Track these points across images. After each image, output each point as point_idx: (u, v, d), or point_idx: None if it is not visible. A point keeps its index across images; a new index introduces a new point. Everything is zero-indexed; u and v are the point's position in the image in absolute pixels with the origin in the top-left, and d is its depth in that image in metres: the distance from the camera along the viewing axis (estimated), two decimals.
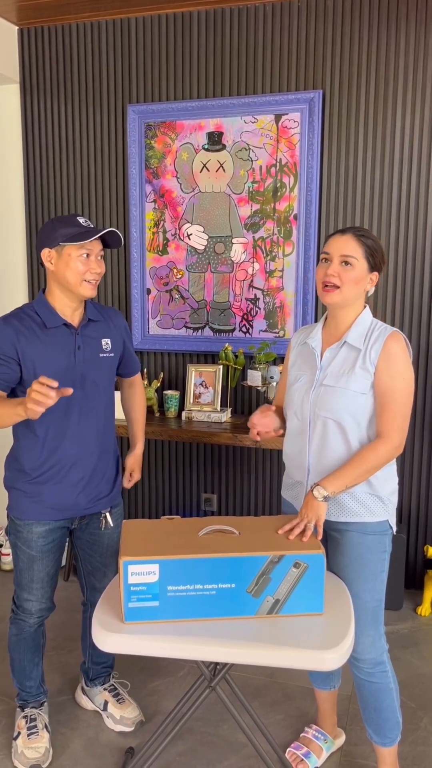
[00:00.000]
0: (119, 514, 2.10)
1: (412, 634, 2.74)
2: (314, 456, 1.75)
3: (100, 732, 2.17)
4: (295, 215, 2.97)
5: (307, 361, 1.81)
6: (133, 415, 2.22)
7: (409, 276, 2.89)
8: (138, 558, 1.47)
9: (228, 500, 3.28)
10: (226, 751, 2.08)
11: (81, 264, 1.82)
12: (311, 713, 2.24)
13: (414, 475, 3.01)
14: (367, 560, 1.73)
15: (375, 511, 1.72)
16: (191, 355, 3.23)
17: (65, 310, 1.89)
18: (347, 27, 2.81)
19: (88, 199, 3.26)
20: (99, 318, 1.97)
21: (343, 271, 1.68)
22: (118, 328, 2.03)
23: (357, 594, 1.74)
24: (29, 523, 1.92)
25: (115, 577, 1.75)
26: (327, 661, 1.41)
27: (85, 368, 1.91)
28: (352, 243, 1.68)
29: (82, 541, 2.08)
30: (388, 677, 1.79)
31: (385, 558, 1.76)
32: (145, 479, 3.37)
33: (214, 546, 1.52)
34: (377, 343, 1.69)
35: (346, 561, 1.74)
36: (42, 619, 2.05)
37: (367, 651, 1.76)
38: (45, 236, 1.84)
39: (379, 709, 1.80)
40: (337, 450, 1.71)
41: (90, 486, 1.96)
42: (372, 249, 1.70)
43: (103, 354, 1.96)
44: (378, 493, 1.73)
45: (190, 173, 3.08)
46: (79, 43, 3.16)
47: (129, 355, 2.12)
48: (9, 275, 3.44)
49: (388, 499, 1.75)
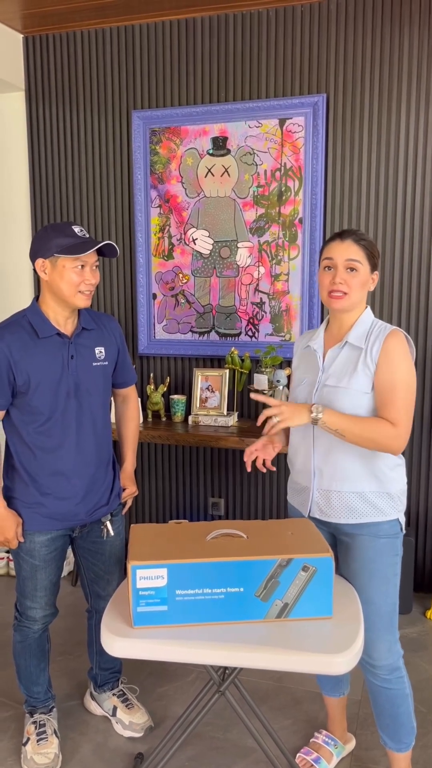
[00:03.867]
0: (119, 522, 2.09)
1: (421, 638, 2.73)
2: (320, 459, 1.74)
3: (109, 737, 2.17)
4: (300, 219, 2.97)
5: (310, 363, 1.81)
6: (125, 432, 2.18)
7: (415, 278, 2.89)
8: (146, 562, 1.47)
9: (235, 504, 3.27)
10: (236, 756, 2.07)
11: (76, 275, 1.79)
12: (320, 718, 2.23)
13: (422, 478, 3.00)
14: (379, 564, 1.71)
15: (385, 510, 1.71)
16: (197, 360, 3.24)
17: (58, 319, 1.86)
18: (351, 31, 2.82)
19: (94, 205, 3.27)
20: (93, 326, 1.94)
21: (349, 278, 1.69)
22: (112, 335, 2.00)
23: (371, 599, 1.72)
24: (31, 534, 1.91)
25: (123, 581, 1.75)
26: (336, 665, 1.40)
27: (79, 377, 1.88)
28: (354, 248, 1.69)
29: (84, 550, 2.07)
30: (404, 683, 1.78)
31: (397, 562, 1.75)
32: (153, 484, 3.37)
33: (223, 550, 1.52)
34: (378, 340, 1.69)
35: (358, 566, 1.73)
36: (46, 625, 2.04)
37: (384, 657, 1.74)
38: (39, 246, 1.80)
39: (395, 715, 1.79)
40: (344, 451, 1.71)
41: (89, 495, 1.95)
42: (370, 250, 1.72)
43: (97, 363, 1.93)
44: (388, 490, 1.71)
45: (195, 178, 3.09)
46: (84, 50, 3.18)
47: (124, 363, 2.07)
48: (15, 280, 3.45)
49: (398, 497, 1.74)
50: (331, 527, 1.79)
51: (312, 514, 1.78)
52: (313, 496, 1.77)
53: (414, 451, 3.00)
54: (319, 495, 1.76)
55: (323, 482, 1.74)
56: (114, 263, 3.27)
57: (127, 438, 2.18)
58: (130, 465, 2.17)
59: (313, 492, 1.76)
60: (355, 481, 1.71)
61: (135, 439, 2.19)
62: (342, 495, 1.72)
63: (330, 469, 1.73)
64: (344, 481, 1.71)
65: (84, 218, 3.29)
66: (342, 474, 1.71)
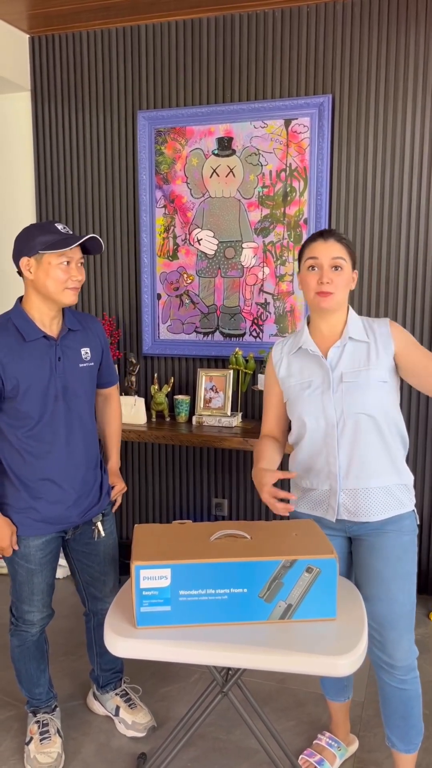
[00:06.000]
0: (110, 521, 2.08)
1: (425, 641, 2.72)
2: (346, 457, 1.73)
3: (111, 737, 2.17)
4: (305, 219, 2.97)
5: (310, 366, 1.78)
6: (108, 430, 2.18)
7: (420, 281, 2.88)
8: (150, 562, 1.46)
9: (239, 505, 3.27)
10: (239, 757, 2.07)
11: (61, 272, 1.78)
12: (323, 719, 2.23)
13: (426, 478, 2.99)
14: (404, 562, 1.72)
15: (405, 502, 1.75)
16: (201, 360, 3.23)
17: (44, 319, 1.85)
18: (357, 32, 2.81)
19: (99, 205, 3.27)
20: (78, 327, 1.93)
21: (335, 276, 1.71)
22: (97, 335, 1.99)
23: (395, 598, 1.71)
24: (25, 539, 1.90)
25: (126, 581, 1.75)
26: (340, 666, 1.40)
27: (66, 379, 1.88)
28: (337, 246, 1.71)
29: (78, 552, 2.06)
30: (418, 683, 1.77)
31: (415, 559, 1.76)
32: (156, 484, 3.37)
33: (226, 551, 1.52)
34: (381, 332, 1.74)
35: (383, 564, 1.72)
36: (44, 627, 2.04)
37: (404, 657, 1.72)
38: (23, 244, 1.78)
39: (407, 716, 1.78)
40: (374, 444, 1.71)
41: (81, 497, 1.95)
42: (351, 249, 1.75)
43: (83, 364, 1.92)
44: (405, 482, 1.76)
45: (200, 178, 3.09)
46: (90, 50, 3.18)
47: (107, 364, 2.07)
48: (20, 281, 3.45)
49: (411, 487, 1.79)
50: (352, 530, 1.78)
51: (340, 516, 1.76)
52: (339, 498, 1.75)
53: (419, 451, 2.99)
54: (345, 496, 1.74)
55: (349, 482, 1.73)
56: (118, 263, 3.28)
57: (111, 436, 2.19)
58: (115, 463, 2.18)
59: (339, 494, 1.74)
60: (381, 476, 1.72)
61: (118, 437, 2.20)
62: (369, 492, 1.72)
63: (356, 468, 1.72)
64: (371, 477, 1.72)
65: (89, 218, 3.30)
66: (368, 471, 1.72)
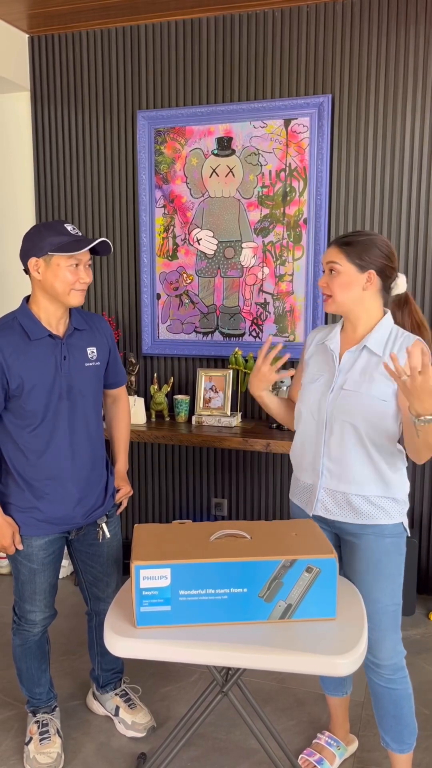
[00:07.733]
0: (115, 523, 2.08)
1: (424, 640, 2.72)
2: (329, 459, 1.74)
3: (111, 737, 2.17)
4: (304, 219, 2.97)
5: (326, 362, 1.81)
6: (116, 434, 2.17)
7: (420, 279, 2.88)
8: (150, 562, 1.47)
9: (238, 505, 3.27)
10: (239, 757, 2.07)
11: (70, 274, 1.77)
12: (323, 719, 2.23)
13: (426, 479, 2.99)
14: (385, 564, 1.72)
15: (391, 513, 1.72)
16: (201, 360, 3.23)
17: (50, 320, 1.85)
18: (356, 31, 2.81)
19: (98, 205, 3.27)
20: (84, 326, 1.93)
21: (330, 279, 1.73)
22: (103, 335, 1.98)
23: (377, 599, 1.72)
24: (28, 538, 1.90)
25: (126, 581, 1.75)
26: (340, 666, 1.40)
27: (72, 378, 1.87)
28: (334, 250, 1.73)
29: (81, 553, 2.06)
30: (407, 683, 1.78)
31: (402, 561, 1.75)
32: (156, 484, 3.37)
33: (226, 550, 1.52)
34: (401, 352, 1.68)
35: (364, 565, 1.73)
36: (46, 627, 2.04)
37: (389, 656, 1.74)
38: (32, 245, 1.77)
39: (398, 716, 1.78)
40: (355, 454, 1.70)
41: (85, 498, 1.94)
42: (359, 250, 1.69)
43: (89, 363, 1.91)
44: (394, 495, 1.72)
45: (199, 178, 3.09)
46: (89, 50, 3.18)
47: (115, 363, 2.06)
48: (21, 282, 3.45)
49: (403, 501, 1.74)
50: (336, 527, 1.79)
51: (316, 512, 1.78)
52: (318, 494, 1.77)
53: None
54: (324, 494, 1.76)
55: (330, 482, 1.74)
56: (118, 263, 3.28)
57: (119, 439, 2.18)
58: (122, 465, 2.17)
59: (318, 491, 1.77)
60: (362, 485, 1.71)
61: (126, 439, 2.19)
62: (348, 496, 1.72)
63: (338, 470, 1.73)
64: (351, 483, 1.71)
65: (88, 218, 3.30)
66: (350, 476, 1.71)
